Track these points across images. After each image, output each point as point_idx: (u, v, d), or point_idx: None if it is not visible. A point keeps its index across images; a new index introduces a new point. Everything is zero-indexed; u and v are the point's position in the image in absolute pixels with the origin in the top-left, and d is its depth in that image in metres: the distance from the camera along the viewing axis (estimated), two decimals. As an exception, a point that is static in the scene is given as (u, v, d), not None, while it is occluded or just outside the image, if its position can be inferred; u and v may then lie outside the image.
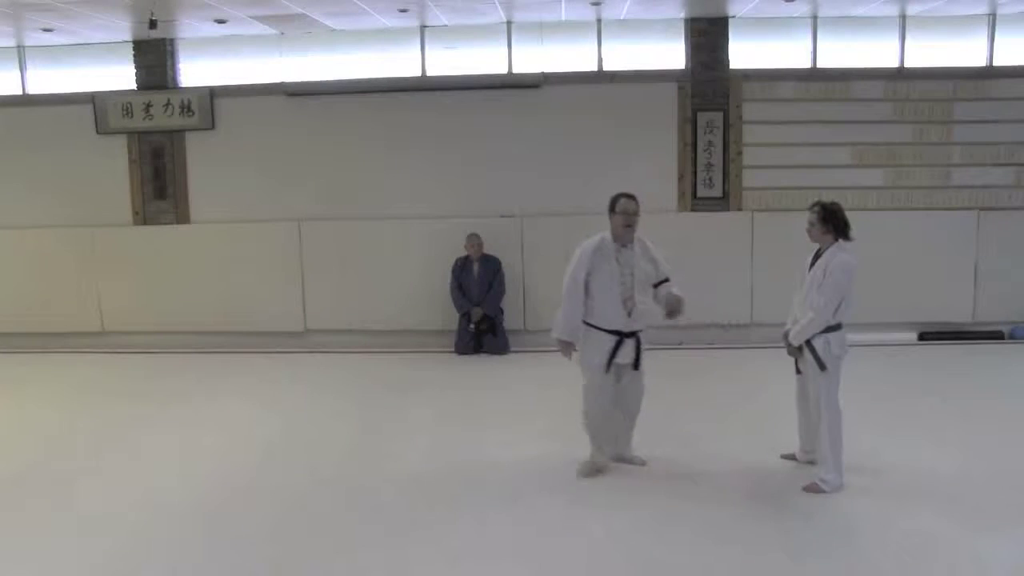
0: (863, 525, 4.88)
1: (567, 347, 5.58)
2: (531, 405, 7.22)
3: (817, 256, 5.41)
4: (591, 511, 5.12)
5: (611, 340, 5.53)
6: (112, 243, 9.79)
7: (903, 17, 9.21)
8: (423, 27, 9.41)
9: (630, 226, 5.51)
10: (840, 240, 5.33)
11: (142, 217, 9.82)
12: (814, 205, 5.40)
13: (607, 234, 5.57)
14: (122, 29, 8.94)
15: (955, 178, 9.35)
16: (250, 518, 5.11)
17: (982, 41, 9.28)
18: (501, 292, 9.19)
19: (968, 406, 7.06)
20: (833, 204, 5.38)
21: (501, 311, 9.25)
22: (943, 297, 9.41)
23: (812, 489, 5.31)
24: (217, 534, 4.92)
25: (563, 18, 9.12)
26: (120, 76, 9.69)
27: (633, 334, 5.57)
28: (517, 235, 9.44)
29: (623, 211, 5.50)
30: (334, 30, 9.36)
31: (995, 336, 9.39)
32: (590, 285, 5.52)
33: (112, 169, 9.75)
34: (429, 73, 9.53)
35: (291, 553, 4.66)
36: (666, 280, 5.67)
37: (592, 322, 5.56)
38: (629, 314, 5.51)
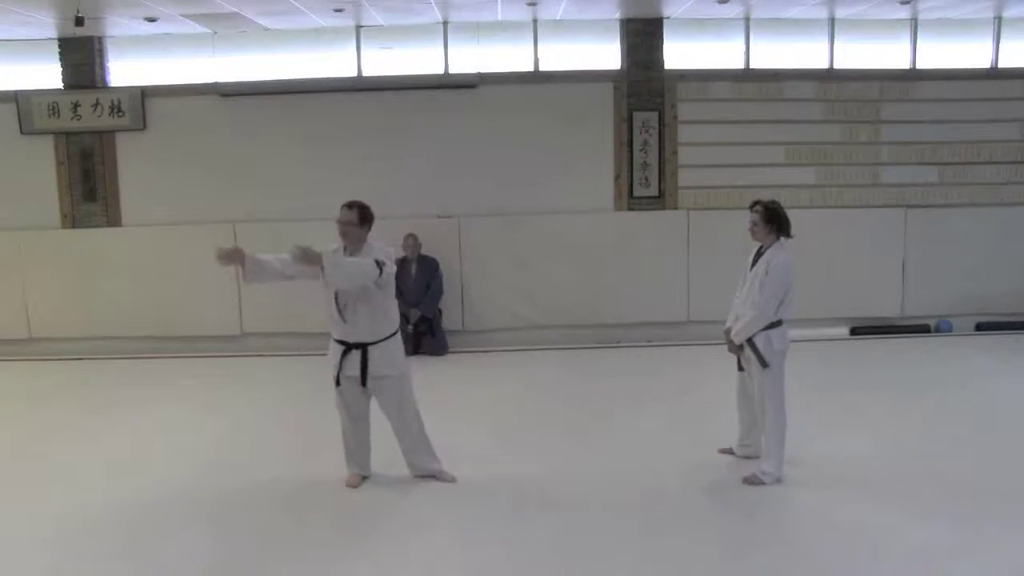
0: (801, 516, 5.00)
1: (233, 254, 5.13)
2: (472, 407, 7.21)
3: (759, 254, 5.47)
4: (536, 508, 5.14)
5: (337, 351, 5.35)
6: (39, 247, 9.50)
7: (832, 20, 9.42)
8: (359, 27, 9.35)
9: (344, 235, 5.29)
10: (782, 238, 5.41)
11: (71, 220, 9.56)
12: (755, 205, 5.45)
13: (340, 244, 5.38)
14: (47, 26, 8.70)
15: (883, 176, 9.59)
16: (183, 527, 5.01)
17: (905, 44, 9.55)
18: (439, 293, 9.16)
19: (897, 398, 7.24)
20: (773, 203, 5.45)
21: (439, 312, 9.22)
22: (873, 292, 9.66)
23: (752, 481, 5.40)
24: (147, 543, 4.82)
25: (499, 18, 9.13)
26: (46, 74, 9.42)
27: (361, 346, 5.31)
28: (455, 235, 9.42)
29: (337, 220, 5.33)
30: (268, 29, 9.24)
31: (922, 329, 9.66)
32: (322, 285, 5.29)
33: (38, 170, 9.47)
34: (365, 73, 9.47)
35: (226, 561, 4.59)
36: None
37: (330, 331, 5.42)
38: (344, 320, 5.29)
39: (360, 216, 5.32)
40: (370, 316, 5.30)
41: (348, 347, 5.34)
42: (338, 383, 5.42)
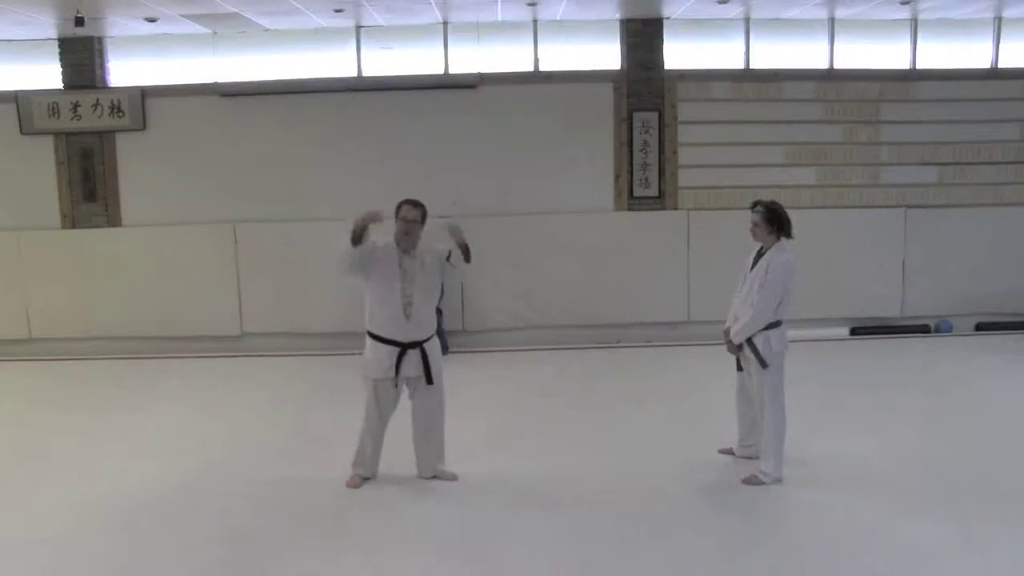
0: (801, 516, 5.01)
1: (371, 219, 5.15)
2: (472, 407, 7.19)
3: (759, 255, 5.47)
4: (536, 508, 5.14)
5: (391, 352, 5.32)
6: (39, 247, 9.50)
7: (832, 20, 9.42)
8: (359, 27, 9.35)
9: (408, 234, 5.29)
10: (782, 239, 5.40)
11: (71, 220, 9.56)
12: (756, 205, 5.45)
13: (391, 239, 5.37)
14: (47, 26, 8.70)
15: (883, 177, 9.59)
16: (183, 527, 5.02)
17: (905, 44, 9.55)
18: (440, 293, 9.13)
19: (897, 398, 7.24)
20: (774, 203, 5.45)
21: (440, 312, 9.20)
22: (873, 293, 9.66)
23: (752, 481, 5.41)
24: (147, 543, 4.82)
25: (499, 18, 9.13)
26: (46, 75, 9.42)
27: (417, 345, 5.35)
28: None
29: (403, 218, 5.29)
30: (268, 29, 9.24)
31: (922, 330, 9.66)
32: (369, 285, 5.33)
33: (38, 171, 9.46)
34: (365, 73, 9.47)
35: (226, 561, 4.60)
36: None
37: (373, 331, 5.38)
38: (408, 319, 5.28)
39: (423, 215, 5.37)
40: (429, 314, 5.41)
41: (403, 347, 5.32)
42: (395, 384, 5.39)
